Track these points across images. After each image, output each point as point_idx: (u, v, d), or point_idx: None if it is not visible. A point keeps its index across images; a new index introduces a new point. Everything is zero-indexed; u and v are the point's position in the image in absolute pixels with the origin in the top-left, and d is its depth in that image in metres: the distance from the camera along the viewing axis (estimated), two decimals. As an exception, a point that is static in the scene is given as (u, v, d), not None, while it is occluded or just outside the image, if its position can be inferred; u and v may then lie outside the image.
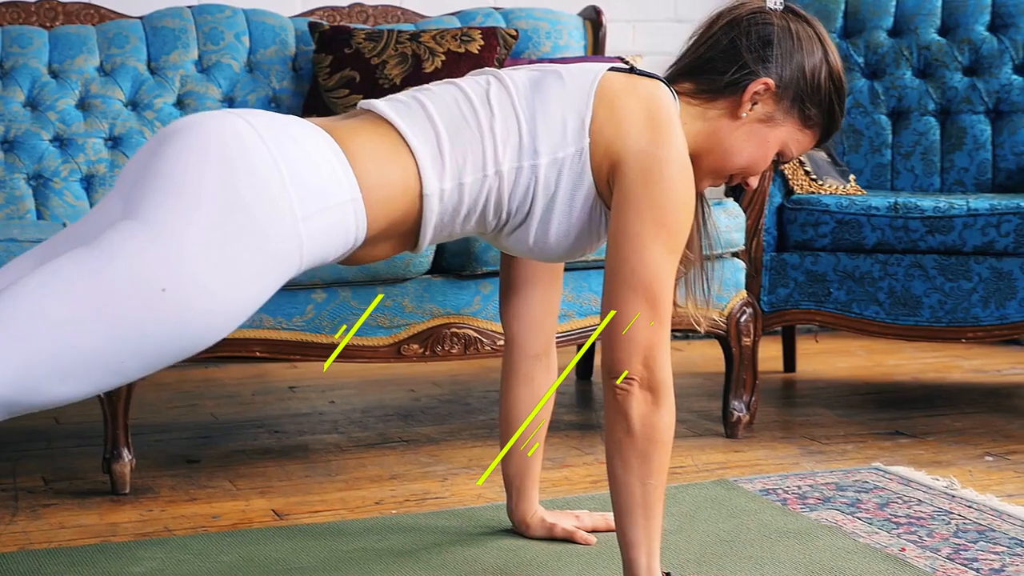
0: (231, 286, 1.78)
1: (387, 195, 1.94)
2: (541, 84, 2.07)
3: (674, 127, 2.04)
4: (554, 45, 3.81)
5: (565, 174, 2.04)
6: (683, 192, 2.01)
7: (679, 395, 3.67)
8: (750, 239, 3.33)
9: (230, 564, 2.32)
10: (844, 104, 2.20)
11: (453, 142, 2.00)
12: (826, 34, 2.18)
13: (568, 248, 2.12)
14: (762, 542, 2.39)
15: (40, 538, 2.52)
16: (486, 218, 2.06)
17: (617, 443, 2.01)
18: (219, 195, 1.78)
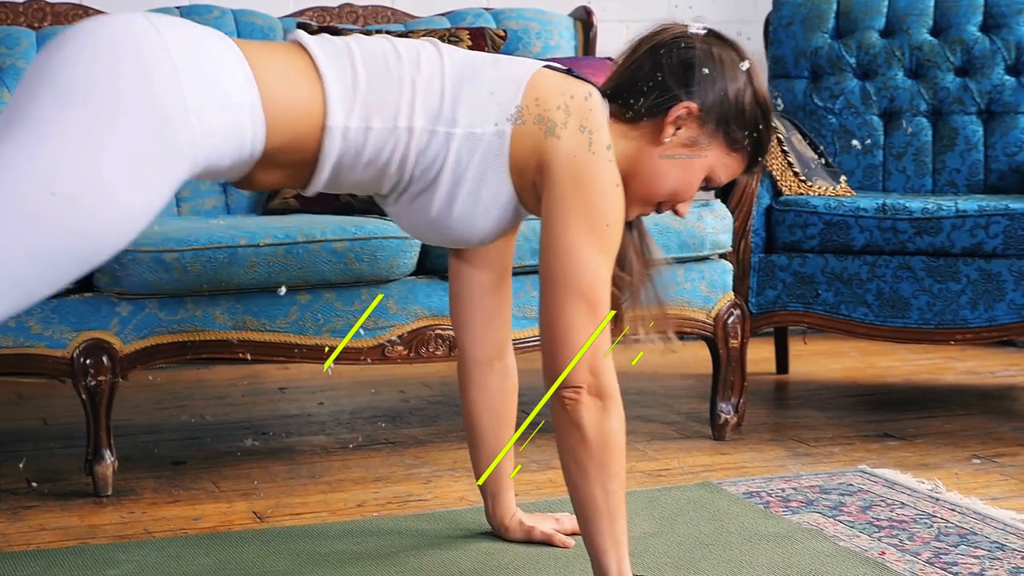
0: (122, 183, 1.73)
1: (288, 111, 1.91)
2: (475, 63, 2.06)
3: (603, 131, 2.03)
4: (544, 45, 3.80)
5: (479, 152, 2.02)
6: (613, 194, 2.00)
7: (669, 396, 3.70)
8: (738, 240, 3.32)
9: (206, 567, 2.32)
10: (771, 126, 2.19)
11: (369, 85, 1.97)
12: (748, 54, 2.16)
13: (468, 230, 2.09)
14: (741, 545, 2.38)
15: (19, 540, 2.52)
16: (387, 172, 2.02)
17: (572, 453, 2.00)
18: (106, 89, 1.73)
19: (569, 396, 1.97)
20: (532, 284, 3.02)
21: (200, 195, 3.48)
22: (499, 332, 2.39)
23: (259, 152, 1.91)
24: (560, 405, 1.99)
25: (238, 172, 1.95)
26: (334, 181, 2.03)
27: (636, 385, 3.93)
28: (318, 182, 2.01)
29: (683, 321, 3.16)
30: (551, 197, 1.99)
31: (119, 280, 2.73)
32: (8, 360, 2.74)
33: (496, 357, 2.41)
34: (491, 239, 2.15)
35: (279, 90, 1.90)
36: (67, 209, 1.69)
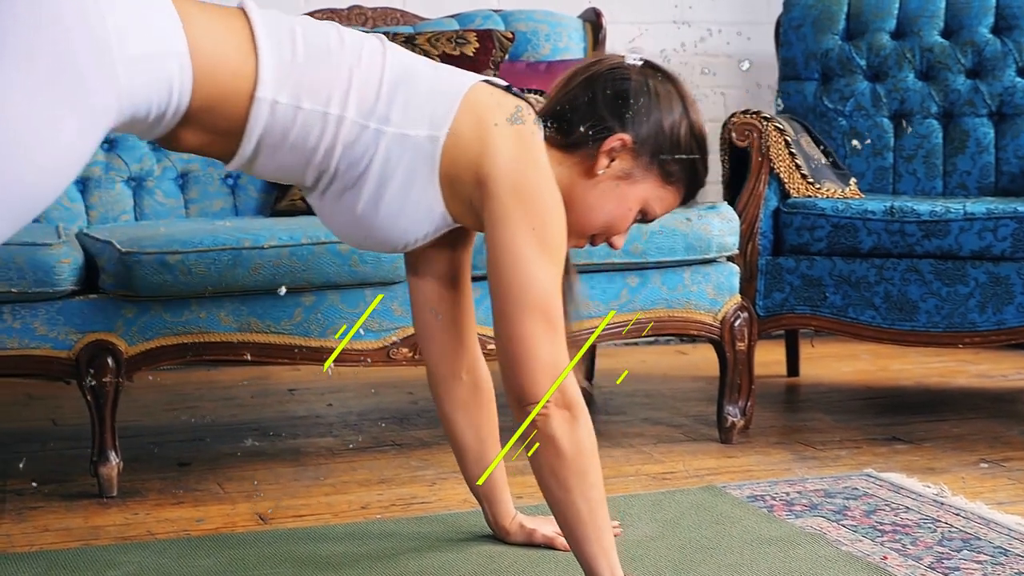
0: (47, 128, 1.72)
1: (216, 69, 1.88)
2: (416, 67, 2.04)
3: (540, 145, 2.02)
4: (553, 47, 3.80)
5: (408, 155, 1.99)
6: (555, 204, 1.99)
7: (678, 399, 3.70)
8: (745, 243, 3.31)
9: (207, 569, 2.32)
10: (707, 159, 2.16)
11: (306, 65, 1.94)
12: (688, 90, 2.15)
13: (394, 233, 2.06)
14: (742, 549, 2.37)
15: (22, 541, 2.52)
16: (312, 160, 1.99)
17: (550, 468, 1.98)
18: (25, 34, 1.70)
19: (540, 413, 1.96)
20: (538, 286, 3.01)
21: (208, 196, 3.49)
22: (460, 345, 2.36)
23: (184, 106, 1.88)
24: (530, 422, 1.97)
25: (163, 127, 1.92)
26: (259, 160, 1.99)
27: (645, 387, 3.92)
28: (242, 155, 1.97)
29: (689, 324, 3.15)
30: (494, 213, 1.97)
31: (124, 282, 2.74)
32: (13, 361, 2.75)
33: (463, 370, 2.38)
34: (418, 244, 2.12)
35: (209, 46, 1.87)
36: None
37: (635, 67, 2.12)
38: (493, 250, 1.98)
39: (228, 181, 3.54)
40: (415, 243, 2.11)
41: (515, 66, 3.63)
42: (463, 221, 2.09)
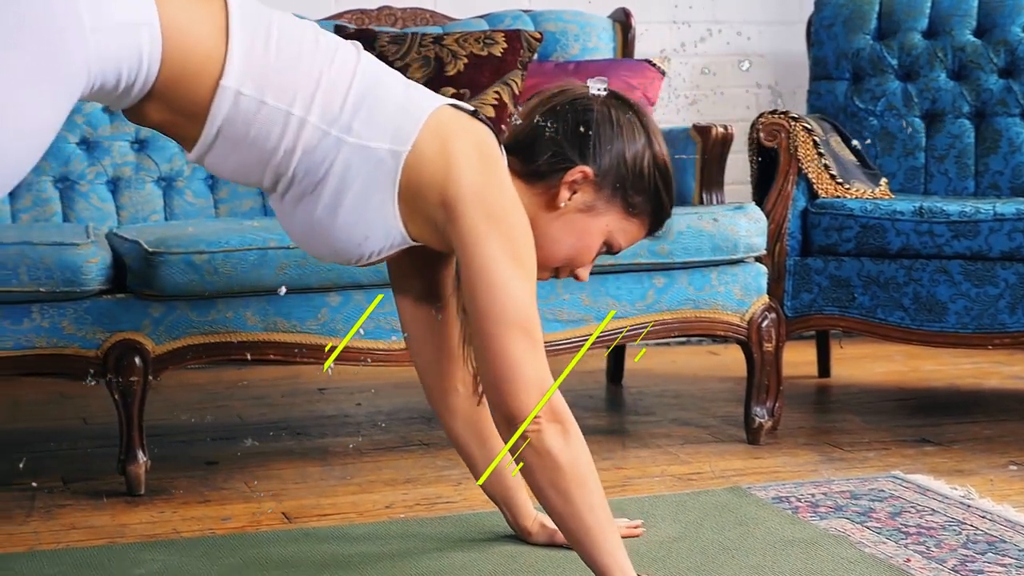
0: (14, 98, 1.73)
1: (186, 46, 1.87)
2: (387, 81, 2.02)
3: (505, 169, 2.01)
4: (582, 47, 3.80)
5: (367, 168, 1.97)
6: (523, 221, 1.99)
7: (707, 400, 3.69)
8: (773, 243, 3.30)
9: (230, 567, 2.33)
10: (672, 190, 2.15)
11: (276, 61, 1.93)
12: (652, 121, 2.14)
13: (350, 244, 2.05)
14: (764, 551, 2.37)
15: (49, 539, 2.54)
16: (271, 160, 1.97)
17: (549, 482, 1.97)
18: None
19: (530, 429, 1.94)
20: (563, 286, 3.01)
21: (238, 196, 3.51)
22: (451, 359, 2.34)
23: (152, 78, 1.88)
24: (522, 441, 1.96)
25: (131, 99, 1.91)
26: (219, 152, 1.98)
27: (674, 388, 3.92)
28: (203, 143, 1.96)
29: (716, 324, 3.15)
30: (464, 236, 1.96)
31: (150, 281, 2.75)
32: (42, 360, 2.77)
33: (458, 382, 2.35)
34: (376, 259, 2.10)
35: (183, 22, 1.87)
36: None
37: (598, 98, 2.12)
38: (468, 272, 1.96)
39: (258, 181, 3.55)
40: (371, 257, 2.09)
41: (543, 66, 3.64)
42: (425, 240, 2.07)
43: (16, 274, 2.70)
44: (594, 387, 3.97)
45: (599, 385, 4.00)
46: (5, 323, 2.73)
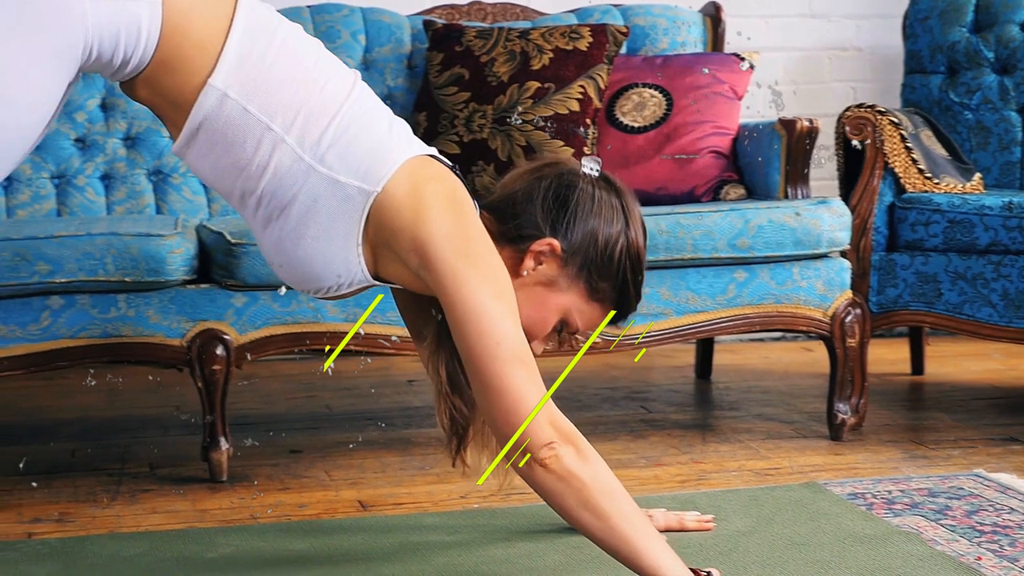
0: (14, 68, 1.76)
1: (186, 31, 1.89)
2: (373, 120, 2.00)
3: (475, 215, 1.99)
4: (671, 42, 3.79)
5: (334, 202, 1.96)
6: (498, 259, 1.97)
7: (794, 396, 3.66)
8: (858, 238, 3.27)
9: (300, 552, 2.37)
10: (640, 282, 2.11)
11: (269, 71, 1.93)
12: (636, 209, 2.10)
13: (309, 275, 2.03)
14: (833, 546, 2.35)
15: (130, 522, 2.61)
16: (244, 171, 1.96)
17: (579, 502, 1.94)
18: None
19: (546, 456, 1.92)
20: (658, 279, 3.01)
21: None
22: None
23: (148, 57, 1.89)
24: (543, 471, 1.93)
25: (124, 74, 1.93)
26: (198, 149, 1.97)
27: (763, 384, 3.90)
28: (185, 135, 1.95)
29: (798, 319, 3.13)
30: (442, 279, 1.93)
31: (233, 272, 2.81)
32: (128, 348, 2.83)
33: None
34: (339, 293, 2.08)
35: (183, 5, 1.89)
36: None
37: (587, 176, 2.09)
38: (453, 313, 1.94)
39: (346, 175, 3.59)
40: (331, 291, 2.07)
41: (631, 60, 3.64)
42: (402, 283, 2.06)
43: (103, 264, 2.76)
44: (682, 382, 3.97)
45: (687, 380, 3.99)
46: (93, 311, 2.79)
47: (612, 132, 3.48)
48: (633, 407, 3.59)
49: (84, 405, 3.73)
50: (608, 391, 3.81)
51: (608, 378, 4.01)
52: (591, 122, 3.37)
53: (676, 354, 4.44)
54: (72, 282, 2.76)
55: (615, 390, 3.84)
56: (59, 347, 2.80)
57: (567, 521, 1.98)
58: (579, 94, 3.37)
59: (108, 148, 3.46)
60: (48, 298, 2.78)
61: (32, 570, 2.29)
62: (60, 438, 3.32)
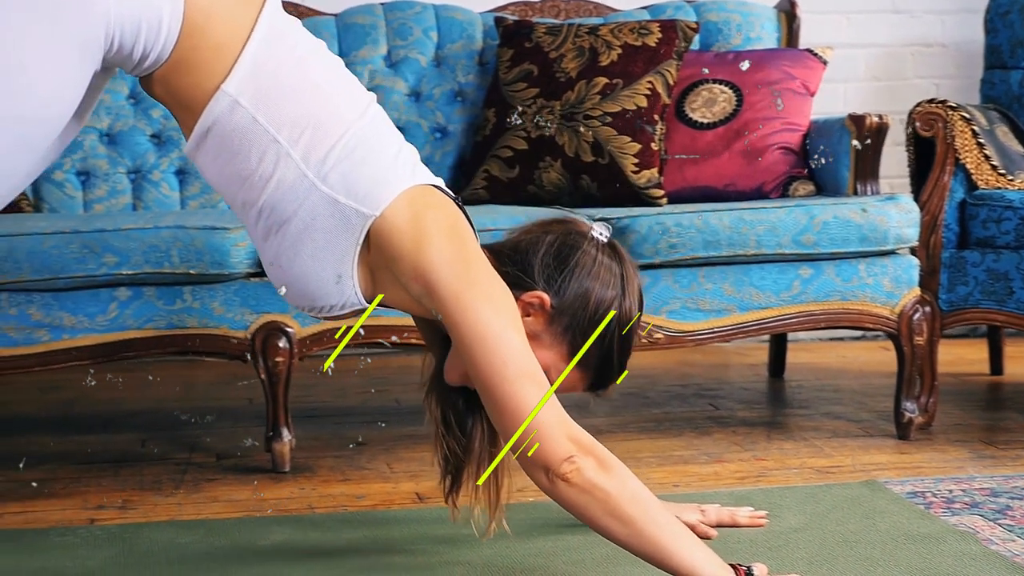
0: (39, 61, 1.77)
1: (205, 31, 1.89)
2: (382, 144, 1.99)
3: (476, 243, 1.99)
4: (745, 38, 3.77)
5: (333, 222, 1.95)
6: (499, 280, 1.97)
7: (867, 395, 3.62)
8: (927, 235, 3.22)
9: (352, 541, 2.40)
10: (626, 355, 2.08)
11: (282, 84, 1.93)
12: (636, 280, 2.08)
13: (303, 293, 2.03)
14: (885, 544, 2.32)
15: (190, 510, 2.65)
16: (247, 181, 1.96)
17: (606, 511, 1.93)
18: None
19: (568, 470, 1.91)
20: (706, 276, 3.00)
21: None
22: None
23: (167, 53, 1.90)
24: (565, 485, 1.92)
25: (142, 69, 1.93)
26: (206, 156, 1.97)
27: (837, 382, 3.86)
28: (195, 138, 1.96)
29: (864, 317, 3.09)
30: (446, 304, 1.93)
31: (295, 265, 2.84)
32: (193, 339, 2.88)
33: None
34: (331, 315, 2.07)
35: (203, 4, 1.89)
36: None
37: (594, 239, 2.08)
38: (459, 338, 1.93)
39: (417, 170, 3.62)
40: (325, 311, 2.06)
41: (703, 56, 3.62)
42: (404, 308, 2.05)
43: (169, 256, 2.81)
44: (754, 380, 3.94)
45: (760, 378, 3.97)
46: (159, 303, 2.84)
47: (681, 128, 3.47)
48: (701, 404, 3.58)
49: (160, 397, 3.79)
50: (679, 388, 3.80)
51: (680, 375, 4.00)
52: (659, 118, 3.36)
53: (752, 352, 4.42)
54: (138, 274, 2.80)
55: (686, 387, 3.83)
56: (126, 338, 2.85)
57: (598, 532, 1.97)
58: (647, 90, 3.36)
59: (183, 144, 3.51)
60: (116, 290, 2.84)
61: (90, 555, 2.34)
62: (133, 428, 3.39)
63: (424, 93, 3.66)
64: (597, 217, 3.03)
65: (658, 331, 3.00)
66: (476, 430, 2.15)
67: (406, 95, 3.65)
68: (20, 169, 1.86)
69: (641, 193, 3.29)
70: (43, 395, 3.85)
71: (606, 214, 3.05)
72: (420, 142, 3.61)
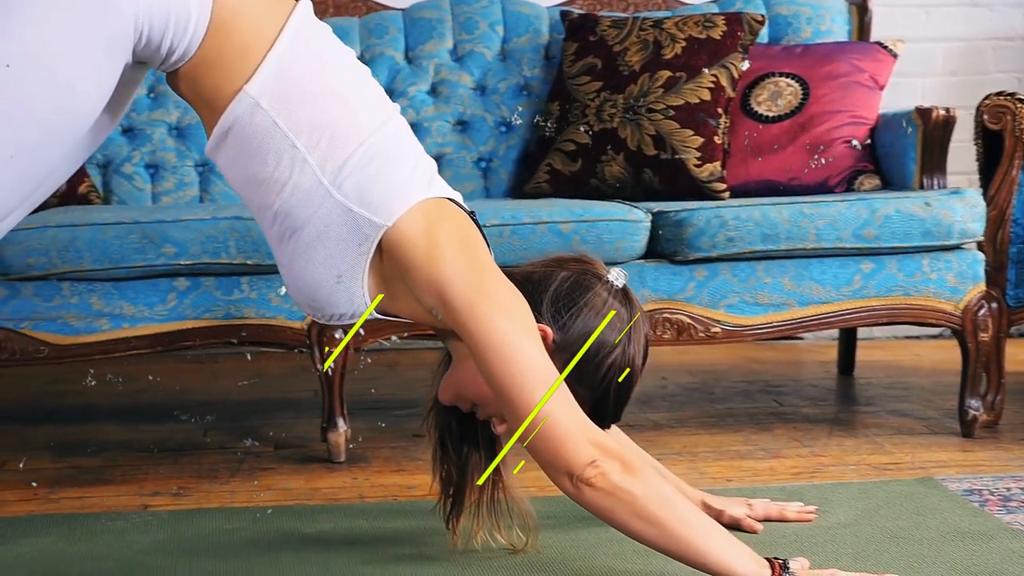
0: (71, 55, 1.80)
1: (232, 29, 1.90)
2: (401, 155, 1.99)
3: (489, 256, 1.99)
4: (815, 31, 3.73)
5: (345, 231, 1.96)
6: (514, 290, 1.96)
7: (936, 392, 3.56)
8: (995, 230, 3.16)
9: (395, 531, 2.41)
10: (623, 403, 2.06)
11: (305, 89, 1.93)
12: (643, 330, 2.06)
13: (314, 299, 2.03)
14: (932, 541, 2.28)
15: (242, 497, 2.67)
16: (263, 184, 1.96)
17: (633, 514, 1.90)
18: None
19: (592, 475, 1.89)
20: (765, 270, 2.97)
21: (460, 179, 3.59)
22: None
23: (193, 49, 1.91)
24: (590, 489, 1.90)
25: (169, 64, 1.94)
26: (226, 156, 1.99)
27: (906, 380, 3.81)
28: (215, 137, 1.97)
29: (927, 312, 3.05)
30: (462, 315, 1.92)
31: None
32: (251, 330, 2.91)
33: None
34: (340, 323, 2.07)
35: (235, 3, 1.91)
36: (19, 81, 1.77)
37: (608, 283, 2.07)
38: (475, 349, 1.92)
39: (481, 164, 3.63)
40: (335, 320, 2.06)
41: (770, 49, 3.59)
42: (414, 318, 2.05)
43: (226, 246, 2.84)
44: (823, 377, 3.90)
45: (829, 376, 3.92)
46: (217, 293, 2.87)
47: (746, 121, 3.44)
48: (766, 400, 3.55)
49: (227, 388, 3.84)
50: (744, 384, 3.77)
51: (748, 372, 3.97)
52: (723, 111, 3.33)
53: (824, 350, 4.37)
54: (196, 264, 2.84)
55: (752, 384, 3.79)
56: (184, 327, 2.89)
57: (628, 535, 1.95)
58: (710, 83, 3.33)
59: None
60: (175, 280, 2.87)
61: (137, 539, 2.37)
62: (198, 418, 3.43)
63: (489, 87, 3.67)
64: (656, 211, 3.02)
65: (716, 325, 2.97)
66: (471, 454, 2.17)
67: (471, 89, 3.66)
68: (48, 161, 1.88)
69: (703, 187, 3.27)
70: (114, 386, 3.91)
71: (667, 208, 3.03)
72: (484, 136, 3.62)
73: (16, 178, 1.85)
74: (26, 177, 1.87)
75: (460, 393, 2.11)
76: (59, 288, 2.84)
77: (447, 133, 3.63)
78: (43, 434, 3.26)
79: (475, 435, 2.18)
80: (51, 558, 2.27)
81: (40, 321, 2.85)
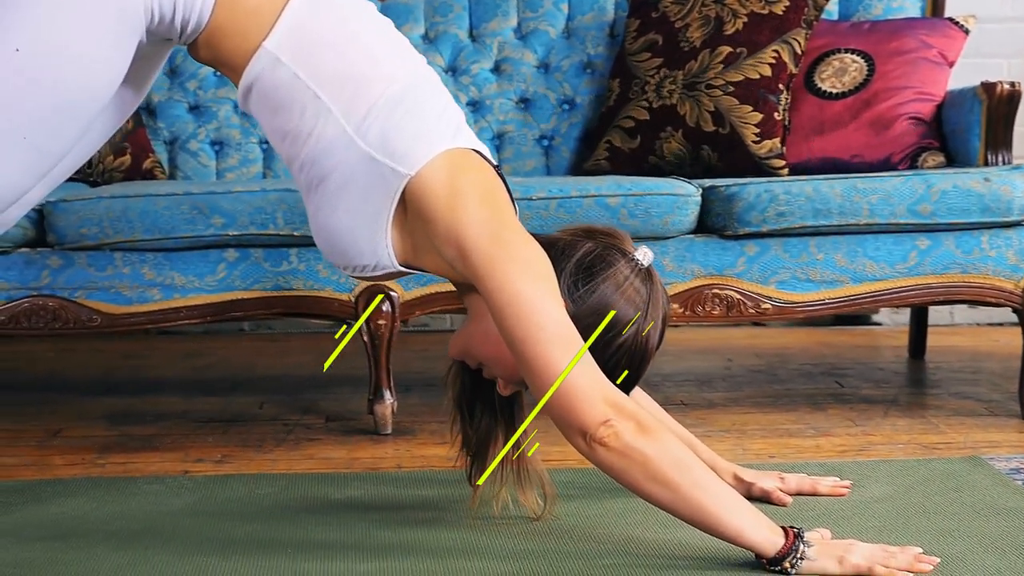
0: (83, 35, 1.82)
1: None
2: (427, 104, 1.99)
3: (511, 209, 1.96)
4: (886, 7, 3.67)
5: (369, 180, 1.95)
6: (535, 244, 1.93)
7: (1006, 377, 3.48)
8: (1060, 207, 3.07)
9: (423, 499, 2.41)
10: (633, 383, 2.01)
11: (324, 40, 1.94)
12: (661, 312, 2.01)
13: (337, 248, 2.03)
14: (962, 516, 2.23)
15: (282, 466, 2.69)
16: (289, 134, 1.97)
17: (646, 477, 1.87)
18: None
19: (605, 434, 1.86)
20: (817, 246, 2.92)
21: (522, 156, 3.59)
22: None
23: (205, 20, 1.94)
24: (604, 449, 1.87)
25: (184, 36, 1.97)
26: (253, 108, 2.01)
27: (978, 364, 3.72)
28: (241, 95, 2.00)
29: (986, 291, 2.97)
30: (481, 267, 1.90)
31: (395, 228, 2.87)
32: (299, 301, 2.93)
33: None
34: (366, 275, 2.07)
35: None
36: (32, 63, 1.80)
37: (632, 260, 2.02)
38: (493, 302, 1.90)
39: (543, 142, 3.62)
40: (359, 271, 2.06)
41: (838, 26, 3.53)
42: (438, 272, 2.05)
43: (273, 218, 2.86)
44: (893, 361, 3.83)
45: (899, 360, 3.85)
46: (265, 264, 2.90)
47: (809, 98, 3.39)
48: (827, 382, 3.49)
49: (293, 363, 3.87)
50: (809, 367, 3.71)
51: (814, 355, 3.91)
52: (784, 88, 3.28)
53: (899, 335, 4.29)
54: (244, 235, 2.86)
55: (816, 366, 3.74)
56: (234, 298, 2.92)
57: (642, 497, 1.92)
58: (772, 59, 3.29)
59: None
60: (224, 251, 2.90)
61: (167, 502, 2.40)
62: (258, 392, 3.46)
63: (552, 65, 3.66)
64: (708, 186, 2.99)
65: (766, 301, 2.93)
66: (485, 413, 2.17)
67: (535, 67, 3.65)
68: (65, 138, 1.91)
69: (762, 163, 3.23)
70: (181, 361, 3.96)
71: (718, 183, 3.00)
72: (547, 114, 3.61)
73: (34, 156, 1.88)
74: (43, 154, 1.90)
75: (467, 349, 2.10)
76: (112, 258, 2.89)
77: (509, 111, 3.62)
78: (103, 405, 3.32)
79: (491, 395, 2.16)
80: (80, 517, 2.30)
81: (94, 290, 2.90)
